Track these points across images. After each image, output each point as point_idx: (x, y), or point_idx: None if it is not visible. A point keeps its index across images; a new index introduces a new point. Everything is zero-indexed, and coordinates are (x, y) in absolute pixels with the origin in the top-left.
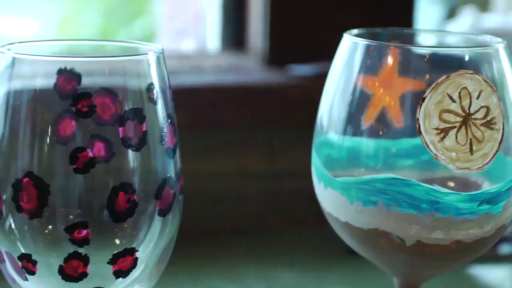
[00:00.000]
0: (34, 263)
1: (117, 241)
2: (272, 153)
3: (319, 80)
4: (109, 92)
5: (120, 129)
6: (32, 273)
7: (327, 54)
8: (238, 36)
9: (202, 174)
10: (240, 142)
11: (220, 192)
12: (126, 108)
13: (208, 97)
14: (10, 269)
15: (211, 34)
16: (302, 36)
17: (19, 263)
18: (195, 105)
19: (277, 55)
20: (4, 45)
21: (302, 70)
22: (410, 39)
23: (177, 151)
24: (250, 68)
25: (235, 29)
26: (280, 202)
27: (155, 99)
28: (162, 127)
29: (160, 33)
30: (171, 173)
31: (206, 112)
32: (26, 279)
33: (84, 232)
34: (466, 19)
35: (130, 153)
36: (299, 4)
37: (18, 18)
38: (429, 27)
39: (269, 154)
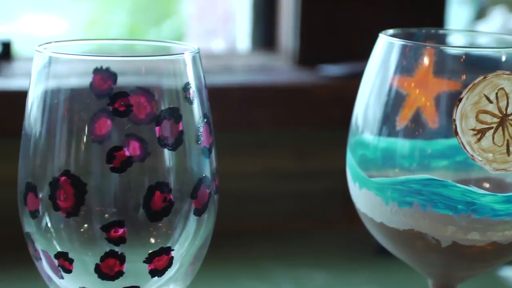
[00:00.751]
0: (71, 261)
1: (152, 240)
2: (301, 153)
3: (350, 80)
4: (145, 91)
5: (157, 128)
6: (69, 271)
7: (358, 54)
8: (268, 36)
9: (231, 174)
10: (270, 142)
11: (249, 192)
12: (162, 108)
13: (239, 97)
14: (46, 267)
15: (241, 34)
16: (332, 36)
17: (55, 261)
18: (225, 104)
19: (307, 55)
20: (41, 45)
21: (332, 70)
22: (444, 39)
23: (213, 151)
24: (280, 68)
25: (265, 29)
26: (309, 203)
27: (191, 98)
28: (198, 127)
29: (189, 33)
30: (207, 172)
31: (236, 112)
32: (62, 277)
33: (121, 231)
34: (496, 19)
35: (166, 152)
36: (329, 4)
37: (47, 17)
38: (459, 28)
39: (299, 154)
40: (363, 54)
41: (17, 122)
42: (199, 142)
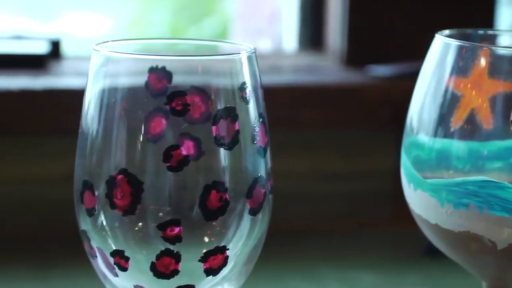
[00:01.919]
0: (127, 259)
1: (206, 239)
2: (348, 154)
3: (398, 80)
4: (201, 90)
5: (213, 128)
6: (124, 269)
7: (406, 54)
8: (315, 35)
9: (278, 174)
10: (317, 142)
11: (295, 191)
12: (219, 107)
13: (286, 96)
14: (101, 265)
15: (288, 34)
16: (381, 35)
17: (110, 259)
18: (273, 104)
19: (355, 55)
20: (99, 43)
21: (380, 70)
22: (498, 40)
23: (268, 151)
24: (328, 68)
25: (312, 28)
26: (356, 203)
27: (247, 98)
28: (254, 126)
29: (233, 33)
30: (262, 172)
31: (283, 112)
32: (117, 275)
33: (177, 229)
34: None
35: (222, 151)
36: (378, 4)
37: (91, 15)
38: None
39: (346, 154)
40: (412, 54)
41: (66, 121)
42: (254, 142)
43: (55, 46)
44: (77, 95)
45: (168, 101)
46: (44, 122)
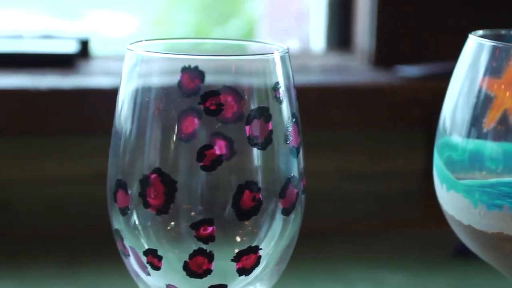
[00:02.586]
0: (160, 258)
1: (238, 239)
2: (376, 154)
3: (427, 81)
4: (234, 90)
5: (247, 127)
6: (157, 268)
7: (435, 54)
8: (343, 35)
9: (306, 173)
10: (345, 142)
11: (323, 191)
12: (252, 107)
13: (314, 97)
14: (134, 264)
15: (315, 34)
16: (409, 36)
17: (143, 258)
18: (301, 104)
19: (384, 55)
20: (132, 43)
21: (409, 71)
22: None
23: (301, 151)
24: (356, 69)
25: (340, 28)
26: (384, 204)
27: (281, 98)
28: (287, 126)
29: (260, 33)
30: (295, 172)
31: (311, 112)
32: (149, 274)
33: (210, 229)
34: None
35: (255, 151)
36: (407, 3)
37: (116, 14)
38: None
39: (374, 155)
40: (441, 54)
41: (94, 120)
42: (287, 142)
43: (84, 45)
44: (106, 95)
45: (202, 100)
46: (72, 121)
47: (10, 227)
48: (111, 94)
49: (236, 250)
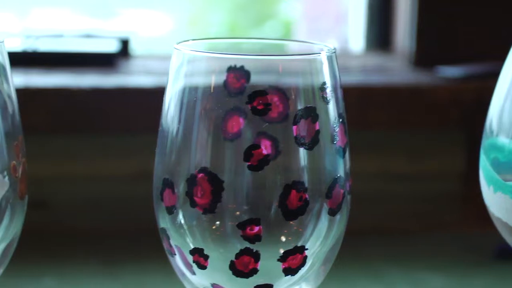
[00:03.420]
0: (206, 257)
1: (283, 239)
2: (416, 155)
3: (467, 81)
4: (281, 90)
5: (294, 127)
6: (204, 267)
7: (476, 55)
8: (383, 36)
9: None
10: (385, 142)
11: (362, 192)
12: (299, 107)
13: (354, 97)
14: (179, 263)
15: (354, 34)
16: (450, 36)
17: (188, 257)
18: None
19: (424, 56)
20: (179, 42)
21: (450, 71)
22: None
23: (347, 151)
24: (396, 69)
25: (380, 28)
26: (423, 204)
27: (327, 98)
28: (334, 126)
29: (297, 33)
30: (341, 172)
31: (351, 112)
32: (194, 273)
33: (256, 228)
34: None
35: (302, 151)
36: (447, 3)
37: (152, 13)
38: None
39: (413, 155)
40: (481, 55)
41: (135, 119)
42: (334, 142)
43: (124, 44)
44: (146, 94)
45: (250, 100)
46: (114, 120)
47: (49, 225)
48: (151, 93)
49: (282, 250)
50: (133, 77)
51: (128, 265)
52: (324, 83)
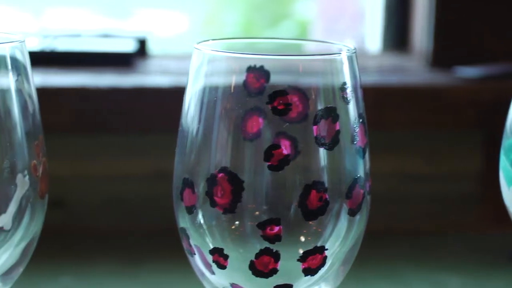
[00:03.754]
0: (226, 257)
1: (302, 239)
2: (433, 155)
3: (485, 82)
4: (300, 90)
5: (314, 127)
6: (223, 267)
7: (494, 55)
8: (400, 36)
9: None
10: (402, 143)
11: (379, 193)
12: (319, 107)
13: (371, 97)
14: (199, 263)
15: (371, 34)
16: (468, 36)
17: (208, 257)
18: None
19: (442, 56)
20: (200, 42)
21: (467, 72)
22: None
23: (367, 151)
24: (413, 69)
25: (397, 28)
26: (441, 205)
27: (348, 98)
28: (354, 127)
29: (313, 33)
30: (361, 173)
31: (368, 113)
32: (213, 273)
33: (276, 228)
34: None
35: (322, 151)
36: (465, 3)
37: (167, 13)
38: None
39: (431, 156)
40: (499, 55)
41: (152, 119)
42: (354, 142)
43: (142, 44)
44: (164, 94)
45: (270, 100)
46: (131, 120)
47: (68, 224)
48: (168, 93)
49: (301, 250)
50: (151, 77)
51: (145, 265)
52: (345, 83)
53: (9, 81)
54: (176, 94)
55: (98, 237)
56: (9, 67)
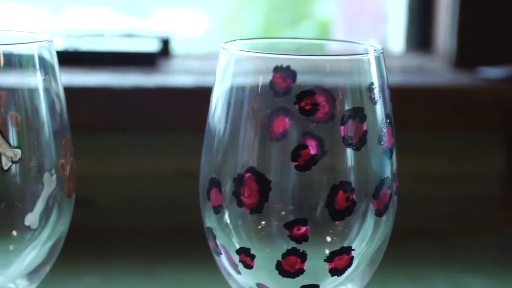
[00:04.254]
0: (252, 257)
1: (328, 239)
2: (456, 156)
3: (509, 82)
4: (327, 90)
5: (342, 127)
6: (250, 267)
7: None
8: (423, 36)
9: None
10: (424, 143)
11: (403, 193)
12: (346, 107)
13: (394, 97)
14: (225, 262)
15: (393, 35)
16: (492, 36)
17: (235, 257)
18: None
19: (466, 56)
20: (227, 42)
21: (491, 72)
22: None
23: (394, 152)
24: (437, 70)
25: (420, 29)
26: (464, 206)
27: (375, 98)
28: (381, 127)
29: (334, 34)
30: (388, 173)
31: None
32: (239, 273)
33: (303, 229)
34: None
35: (349, 151)
36: (489, 3)
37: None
38: None
39: (454, 156)
40: None
41: (175, 118)
42: (381, 143)
43: (165, 44)
44: (187, 93)
45: (297, 100)
46: (155, 119)
47: (93, 223)
48: (192, 93)
49: (327, 250)
50: (174, 76)
51: (168, 264)
52: (372, 83)
53: (37, 80)
54: (200, 94)
55: (120, 235)
56: (37, 66)
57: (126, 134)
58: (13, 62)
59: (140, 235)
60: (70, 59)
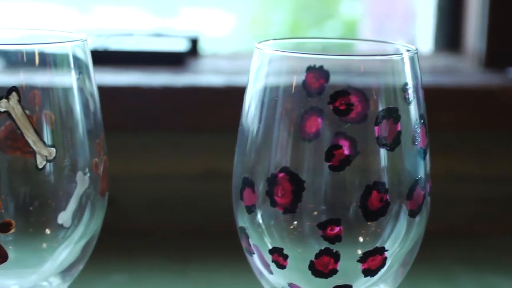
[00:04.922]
0: (285, 257)
1: (361, 239)
2: (485, 157)
3: None
4: (360, 90)
5: (376, 128)
6: (283, 267)
7: None
8: (452, 36)
9: None
10: (454, 144)
11: (432, 194)
12: (380, 107)
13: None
14: (257, 262)
15: (422, 35)
16: None
17: (267, 257)
18: None
19: (495, 57)
20: (261, 42)
21: None
22: None
23: (428, 152)
24: (466, 70)
25: (449, 29)
26: (492, 207)
27: (409, 99)
28: (415, 128)
29: (361, 33)
30: (422, 174)
31: None
32: (271, 273)
33: (337, 229)
34: None
35: (382, 152)
36: None
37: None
38: None
39: (483, 157)
40: None
41: (204, 118)
42: (415, 143)
43: (194, 43)
44: (216, 93)
45: (331, 100)
46: (184, 118)
47: (119, 222)
48: (221, 93)
49: (360, 251)
50: (203, 76)
51: (196, 263)
52: (406, 84)
53: (71, 79)
54: (228, 93)
55: (148, 234)
56: (71, 65)
57: (154, 133)
58: (47, 61)
59: (168, 235)
60: (100, 58)
